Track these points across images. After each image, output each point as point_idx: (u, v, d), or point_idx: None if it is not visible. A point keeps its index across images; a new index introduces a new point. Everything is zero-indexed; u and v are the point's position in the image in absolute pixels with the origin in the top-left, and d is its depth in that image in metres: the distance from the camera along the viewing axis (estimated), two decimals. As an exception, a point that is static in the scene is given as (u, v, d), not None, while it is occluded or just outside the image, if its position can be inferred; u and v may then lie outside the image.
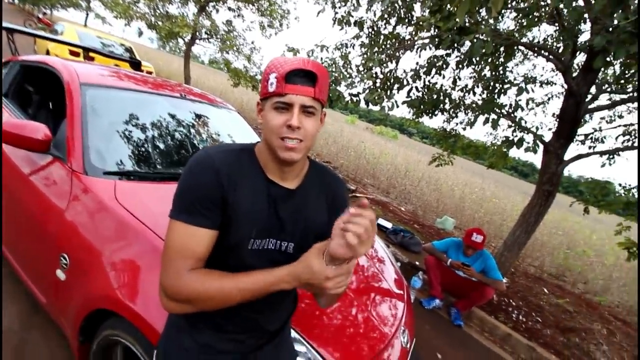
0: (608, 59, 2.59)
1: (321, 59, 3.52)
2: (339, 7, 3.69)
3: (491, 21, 3.22)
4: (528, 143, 3.57)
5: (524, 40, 4.01)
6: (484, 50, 2.55)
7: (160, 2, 9.77)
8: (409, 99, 3.51)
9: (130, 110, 1.89)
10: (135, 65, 3.42)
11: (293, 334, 1.16)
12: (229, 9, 10.50)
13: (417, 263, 3.94)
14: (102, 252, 1.27)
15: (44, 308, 1.57)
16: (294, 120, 0.71)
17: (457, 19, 2.47)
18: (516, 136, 4.05)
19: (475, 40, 2.57)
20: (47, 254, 1.45)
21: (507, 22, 4.59)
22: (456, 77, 4.00)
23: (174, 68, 17.94)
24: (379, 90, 3.18)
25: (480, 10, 3.56)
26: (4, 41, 2.80)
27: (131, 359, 1.23)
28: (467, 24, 2.66)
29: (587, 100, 3.46)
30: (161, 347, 0.88)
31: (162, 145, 1.91)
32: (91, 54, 3.50)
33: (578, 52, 3.35)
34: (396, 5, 3.52)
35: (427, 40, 3.10)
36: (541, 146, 3.62)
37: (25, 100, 2.51)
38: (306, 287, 0.74)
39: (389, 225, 4.77)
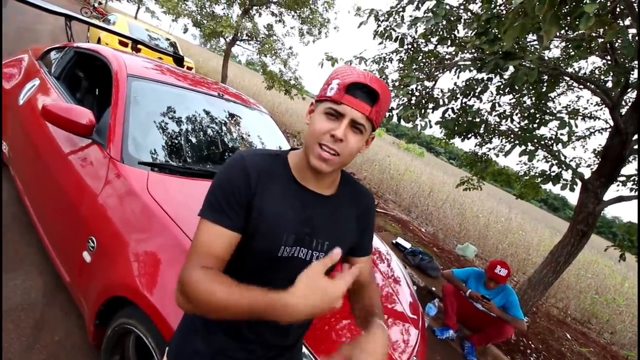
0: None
1: (358, 71, 3.50)
2: (382, 21, 3.68)
3: (538, 48, 3.11)
4: (565, 180, 3.38)
5: (570, 70, 3.85)
6: (527, 78, 2.45)
7: (207, 1, 10.16)
8: (443, 119, 3.43)
9: (169, 104, 1.95)
10: (178, 60, 3.55)
11: (303, 349, 1.13)
12: (272, 13, 10.77)
13: (433, 289, 3.80)
14: (128, 240, 1.29)
15: (67, 286, 1.62)
16: (339, 131, 0.69)
17: (503, 43, 2.40)
18: (554, 171, 3.86)
19: (520, 66, 2.48)
20: (76, 234, 1.50)
21: (554, 51, 4.42)
22: (495, 102, 3.88)
23: (211, 65, 18.53)
24: (414, 107, 3.13)
25: (527, 36, 3.45)
26: (62, 27, 2.99)
27: (142, 350, 1.24)
28: (513, 49, 2.58)
29: (633, 139, 3.26)
30: (173, 346, 0.87)
31: (195, 141, 1.95)
32: (139, 46, 3.67)
33: (630, 89, 3.17)
34: (440, 24, 3.47)
35: (468, 62, 3.03)
36: (579, 183, 3.43)
37: (75, 84, 2.64)
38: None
39: (407, 245, 4.65)
